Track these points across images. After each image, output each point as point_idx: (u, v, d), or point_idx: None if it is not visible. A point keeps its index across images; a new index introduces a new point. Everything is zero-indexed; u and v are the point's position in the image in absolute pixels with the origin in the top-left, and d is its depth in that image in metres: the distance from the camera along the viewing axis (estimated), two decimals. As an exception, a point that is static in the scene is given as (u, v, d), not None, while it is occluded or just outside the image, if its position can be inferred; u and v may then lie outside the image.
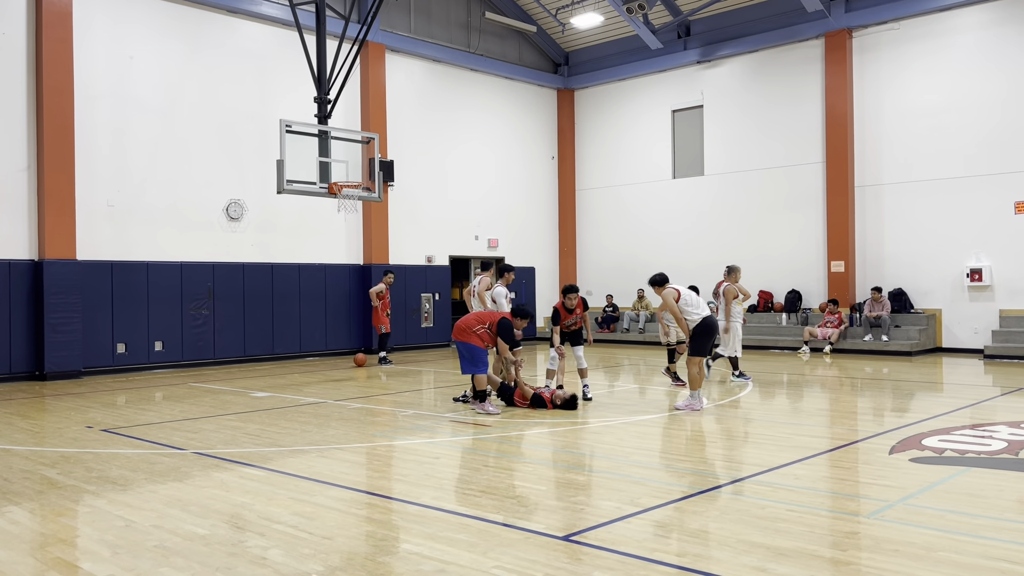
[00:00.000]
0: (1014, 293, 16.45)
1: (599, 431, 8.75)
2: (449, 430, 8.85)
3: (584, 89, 23.58)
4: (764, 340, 18.73)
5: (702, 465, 7.15)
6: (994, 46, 16.75)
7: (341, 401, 11.15)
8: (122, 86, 15.32)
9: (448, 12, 20.95)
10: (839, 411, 10.18)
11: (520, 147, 22.82)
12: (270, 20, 17.31)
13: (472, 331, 9.85)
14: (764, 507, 5.57)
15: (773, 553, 4.59)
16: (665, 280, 10.48)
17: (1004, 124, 16.56)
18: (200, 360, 16.14)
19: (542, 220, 23.52)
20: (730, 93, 20.54)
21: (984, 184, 16.79)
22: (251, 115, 16.99)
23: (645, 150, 22.20)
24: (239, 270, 16.70)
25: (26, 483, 6.56)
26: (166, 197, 15.85)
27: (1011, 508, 5.51)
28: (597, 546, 4.77)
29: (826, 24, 18.60)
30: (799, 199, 19.34)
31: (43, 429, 9.24)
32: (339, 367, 15.88)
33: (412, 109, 20.12)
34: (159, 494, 6.14)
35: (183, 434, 8.72)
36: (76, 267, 14.37)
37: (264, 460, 7.33)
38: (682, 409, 9.83)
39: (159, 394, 12.29)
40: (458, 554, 4.67)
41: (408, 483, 6.49)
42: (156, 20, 15.77)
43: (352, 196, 13.86)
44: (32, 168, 14.28)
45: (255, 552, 4.75)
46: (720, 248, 20.22)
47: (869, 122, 18.38)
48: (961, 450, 7.35)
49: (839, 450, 7.55)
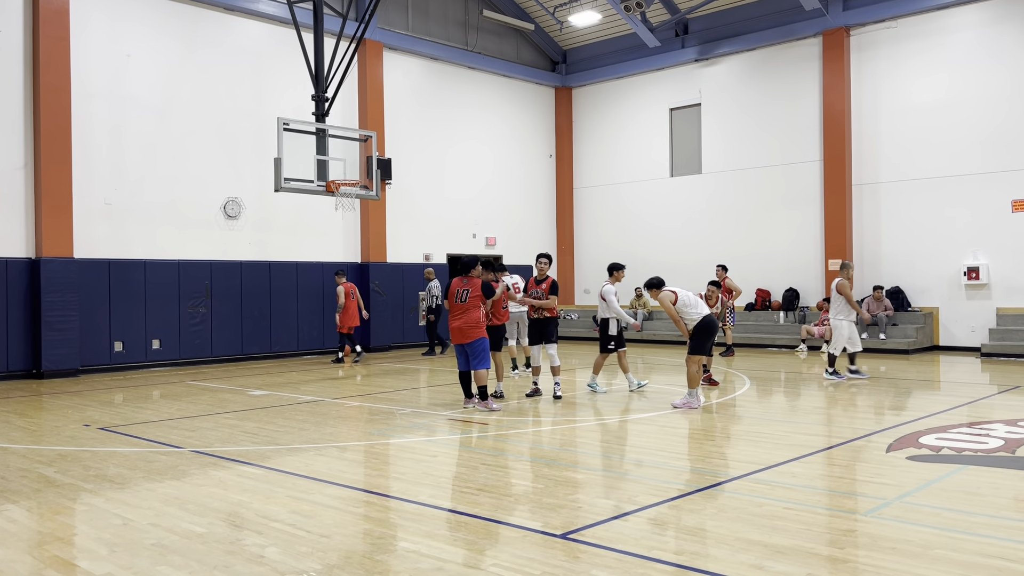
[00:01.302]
0: (1011, 291, 16.48)
1: (597, 429, 8.76)
2: (447, 428, 8.85)
3: (582, 87, 23.57)
4: (761, 338, 18.74)
5: (699, 463, 7.15)
6: (991, 44, 16.77)
7: (339, 399, 11.15)
8: (119, 84, 15.30)
9: (446, 10, 20.93)
10: (836, 409, 10.19)
11: (518, 145, 22.81)
12: (267, 18, 17.28)
13: (478, 325, 9.73)
14: (761, 505, 5.58)
15: (770, 551, 4.59)
16: (661, 283, 10.33)
17: (1002, 122, 16.57)
18: (198, 358, 16.13)
19: (540, 218, 23.52)
20: (728, 91, 20.55)
21: (982, 182, 16.81)
22: (248, 113, 16.97)
23: (643, 148, 22.21)
24: (236, 268, 16.69)
25: (23, 481, 6.56)
26: (163, 195, 15.83)
27: (1008, 506, 5.52)
28: (595, 544, 4.77)
29: (824, 22, 18.60)
30: (797, 197, 19.36)
31: (40, 427, 9.23)
32: (337, 365, 15.87)
33: (410, 107, 20.10)
34: (157, 492, 6.13)
35: (181, 432, 8.71)
36: (73, 265, 14.35)
37: (262, 458, 7.33)
38: (680, 407, 9.84)
39: (156, 392, 12.28)
40: (456, 552, 4.67)
41: (406, 481, 6.49)
42: (153, 18, 15.74)
43: (350, 194, 13.84)
44: (29, 166, 14.26)
45: (253, 550, 4.75)
46: (717, 246, 20.24)
47: (867, 120, 18.39)
48: (958, 448, 7.36)
49: (836, 448, 7.56)
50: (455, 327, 9.77)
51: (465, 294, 9.75)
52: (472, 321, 9.69)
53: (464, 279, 9.87)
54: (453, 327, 9.79)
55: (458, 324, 9.74)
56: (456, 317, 9.77)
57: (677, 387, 11.73)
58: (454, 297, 9.81)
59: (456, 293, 9.81)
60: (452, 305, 9.81)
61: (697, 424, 8.95)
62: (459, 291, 9.81)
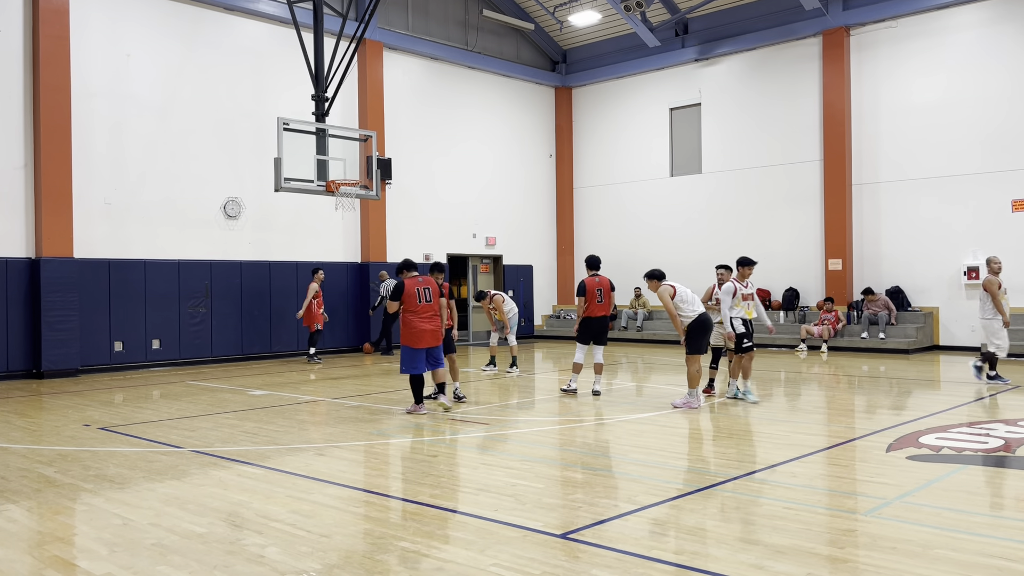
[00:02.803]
0: (1011, 291, 16.35)
1: (596, 429, 8.76)
2: (447, 428, 8.85)
3: (582, 87, 23.57)
4: (761, 338, 18.70)
5: (700, 463, 7.15)
6: (991, 44, 16.77)
7: (339, 399, 11.15)
8: (119, 84, 15.30)
9: (446, 10, 20.92)
10: (836, 409, 10.19)
11: (518, 145, 22.81)
12: (267, 17, 17.28)
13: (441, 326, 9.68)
14: (761, 505, 5.58)
15: (771, 551, 4.59)
16: (662, 276, 10.13)
17: (1002, 122, 16.58)
18: (198, 358, 16.13)
19: (540, 218, 23.52)
20: (728, 91, 20.55)
21: (982, 182, 16.81)
22: (248, 113, 16.97)
23: (643, 148, 22.20)
24: (236, 268, 16.69)
25: (23, 481, 6.56)
26: (163, 195, 15.83)
27: (1008, 505, 5.52)
28: (595, 544, 4.77)
29: (824, 22, 18.60)
30: (797, 197, 19.36)
31: (40, 427, 9.23)
32: (337, 365, 15.87)
33: (410, 107, 20.10)
34: (157, 492, 6.13)
35: (181, 432, 8.71)
36: (73, 265, 14.35)
37: (262, 458, 7.33)
38: (680, 407, 9.84)
39: (156, 392, 12.27)
40: (456, 552, 4.67)
41: (406, 481, 6.49)
42: (153, 18, 15.74)
43: (350, 194, 13.84)
44: (29, 166, 14.26)
45: (253, 550, 4.75)
46: (717, 246, 20.20)
47: (866, 120, 18.39)
48: (958, 448, 7.36)
49: (836, 448, 7.56)
50: (428, 329, 9.34)
51: (427, 292, 9.39)
52: (440, 323, 9.54)
53: (420, 278, 9.49)
54: (424, 329, 9.31)
55: (431, 327, 9.37)
56: (425, 319, 9.35)
57: (677, 387, 11.74)
58: (417, 298, 9.31)
59: (419, 294, 9.35)
60: (416, 306, 9.31)
61: (697, 424, 8.95)
62: (421, 291, 9.37)
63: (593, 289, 10.94)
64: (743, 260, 10.44)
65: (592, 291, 10.92)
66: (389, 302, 9.51)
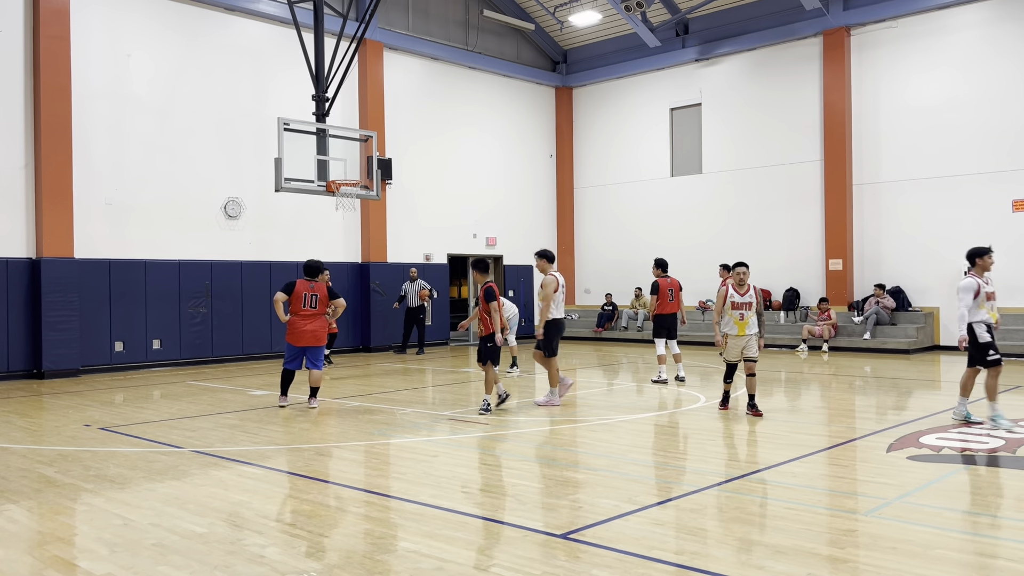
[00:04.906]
0: (1011, 291, 16.45)
1: (597, 429, 8.76)
2: (447, 428, 8.85)
3: (582, 87, 23.57)
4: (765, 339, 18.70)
5: (700, 463, 7.15)
6: (992, 44, 16.76)
7: (339, 399, 11.15)
8: (119, 84, 15.30)
9: (446, 10, 20.92)
10: (837, 409, 10.19)
11: (518, 145, 22.80)
12: (268, 18, 17.28)
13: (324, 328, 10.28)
14: (762, 505, 5.58)
15: (771, 551, 4.59)
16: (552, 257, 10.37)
17: (1002, 122, 16.57)
18: (198, 358, 16.13)
19: (540, 218, 23.51)
20: (728, 91, 20.54)
21: (982, 182, 16.81)
22: (249, 113, 16.97)
23: (643, 148, 22.20)
24: (237, 268, 16.69)
25: (24, 481, 6.56)
26: (164, 195, 15.83)
27: (1009, 506, 5.51)
28: (595, 544, 4.77)
29: (824, 22, 18.60)
30: (797, 197, 19.35)
31: (41, 427, 9.23)
32: (338, 365, 15.87)
33: (410, 107, 20.10)
34: (157, 492, 6.13)
35: (181, 432, 8.71)
36: (74, 265, 14.35)
37: (262, 458, 7.33)
38: (542, 405, 10.08)
39: (157, 392, 12.28)
40: (456, 552, 4.67)
41: (406, 481, 6.49)
42: (153, 18, 15.74)
43: (350, 194, 13.85)
44: (30, 166, 14.26)
45: (253, 550, 4.75)
46: (718, 246, 20.22)
47: (867, 120, 18.39)
48: (959, 448, 7.36)
49: (837, 448, 7.56)
50: (308, 330, 10.02)
51: (314, 299, 10.07)
52: (323, 325, 10.19)
53: (311, 283, 10.17)
54: (305, 330, 10.00)
55: (312, 328, 10.05)
56: (308, 320, 10.04)
57: (677, 387, 11.73)
58: (302, 301, 10.02)
59: (304, 297, 10.04)
60: (301, 309, 10.02)
61: (697, 424, 8.94)
62: (307, 295, 10.06)
63: (665, 289, 12.09)
64: (977, 251, 8.97)
65: (664, 291, 12.08)
66: (278, 292, 10.12)
